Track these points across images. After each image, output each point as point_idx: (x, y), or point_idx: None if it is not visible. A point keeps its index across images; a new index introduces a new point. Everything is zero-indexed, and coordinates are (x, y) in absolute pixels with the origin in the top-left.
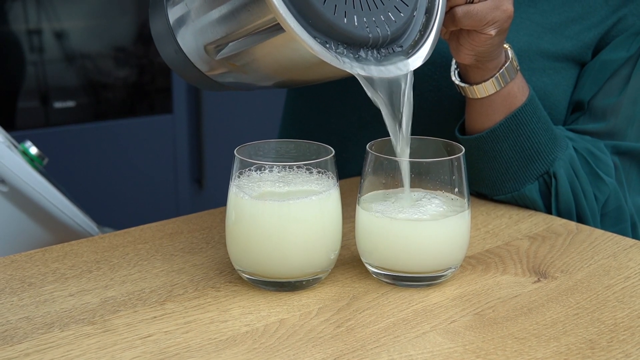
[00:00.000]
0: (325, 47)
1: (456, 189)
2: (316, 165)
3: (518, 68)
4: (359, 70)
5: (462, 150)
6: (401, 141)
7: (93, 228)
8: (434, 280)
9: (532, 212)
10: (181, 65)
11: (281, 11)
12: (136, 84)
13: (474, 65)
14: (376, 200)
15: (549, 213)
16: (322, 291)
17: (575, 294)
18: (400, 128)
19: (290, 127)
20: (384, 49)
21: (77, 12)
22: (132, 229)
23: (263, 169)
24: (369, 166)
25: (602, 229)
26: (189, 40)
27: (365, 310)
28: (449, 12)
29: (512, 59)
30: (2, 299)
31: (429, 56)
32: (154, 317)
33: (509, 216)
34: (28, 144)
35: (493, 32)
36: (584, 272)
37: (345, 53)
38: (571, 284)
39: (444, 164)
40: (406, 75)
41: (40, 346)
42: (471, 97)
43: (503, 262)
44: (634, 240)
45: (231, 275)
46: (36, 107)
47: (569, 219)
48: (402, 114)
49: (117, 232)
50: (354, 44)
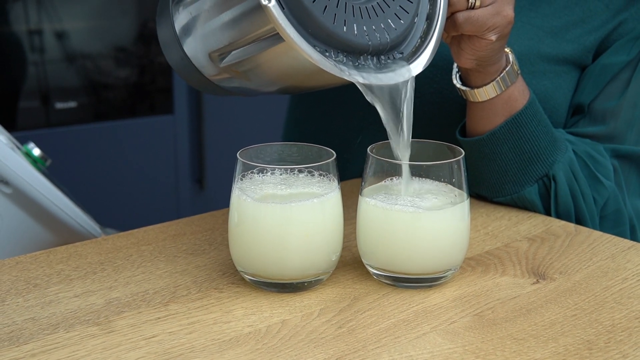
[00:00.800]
0: (325, 55)
1: (456, 191)
2: (318, 168)
3: (519, 72)
4: (358, 78)
5: (462, 153)
6: (401, 146)
7: (95, 229)
8: (434, 281)
9: (531, 214)
10: (187, 71)
11: (280, 21)
12: (137, 84)
13: (475, 69)
14: (378, 192)
15: (548, 215)
16: (323, 292)
17: (574, 295)
18: (401, 132)
19: (292, 131)
20: (384, 56)
21: (78, 12)
22: (135, 230)
23: (265, 171)
24: (369, 169)
25: (601, 232)
26: (194, 47)
27: (366, 311)
28: (450, 17)
29: (512, 63)
30: (8, 300)
31: (429, 62)
32: (158, 318)
33: (508, 218)
34: (31, 145)
35: (494, 37)
36: (582, 273)
37: (344, 61)
38: (569, 285)
39: (444, 167)
40: (406, 81)
41: (46, 347)
42: (472, 100)
43: (502, 264)
44: (632, 242)
45: (234, 277)
46: (37, 107)
47: (568, 222)
48: (403, 119)
49: (121, 233)
50: (353, 52)
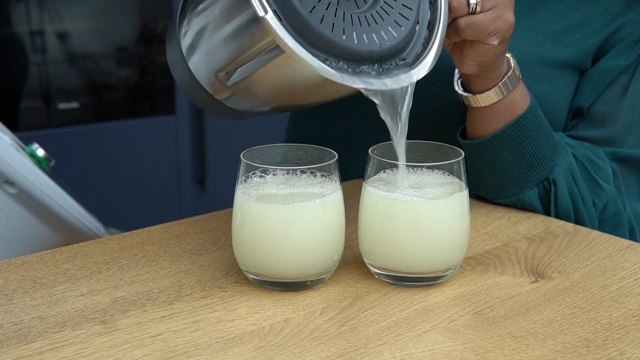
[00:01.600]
0: (325, 63)
1: (455, 181)
2: (320, 169)
3: (520, 77)
4: (360, 84)
5: (461, 154)
6: (399, 148)
7: (99, 229)
8: (435, 280)
9: (531, 214)
10: (194, 90)
11: (278, 32)
12: (139, 84)
13: (477, 75)
14: (380, 183)
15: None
16: (325, 291)
17: (572, 294)
18: (400, 135)
19: (294, 133)
20: (386, 63)
21: (79, 13)
22: (140, 230)
23: (268, 172)
24: (371, 170)
25: None
26: (200, 67)
27: (367, 310)
28: (451, 23)
29: (514, 68)
30: (15, 299)
31: (431, 68)
32: (163, 317)
33: (507, 218)
34: (35, 146)
35: (496, 42)
36: (580, 272)
37: (345, 68)
38: (568, 284)
39: (444, 168)
40: (407, 87)
41: (53, 344)
42: (474, 106)
43: (502, 263)
44: (629, 241)
45: (237, 276)
46: (39, 108)
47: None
48: (400, 122)
49: (125, 233)
50: (354, 59)
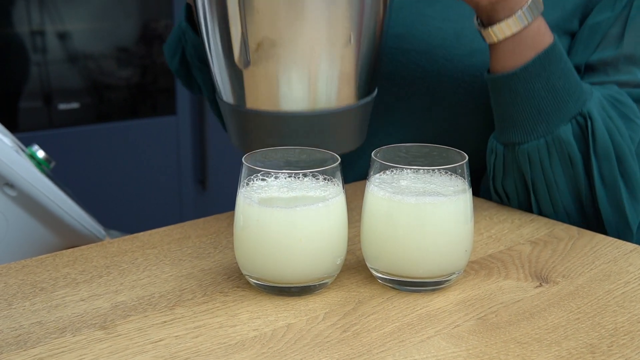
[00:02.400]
0: None
1: (459, 182)
2: (322, 172)
3: (542, 6)
4: None
5: (465, 157)
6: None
7: (100, 231)
8: (438, 285)
9: (534, 217)
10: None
11: None
12: (139, 85)
13: (496, 2)
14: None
15: (585, 159)
16: (328, 296)
17: (577, 298)
18: None
19: None
20: None
21: (80, 13)
22: (141, 234)
23: (270, 175)
24: (374, 172)
25: None
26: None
27: (370, 315)
28: None
29: None
30: (15, 303)
31: None
32: (164, 322)
33: (511, 221)
34: (35, 147)
35: None
36: (585, 276)
37: None
38: (572, 288)
39: (448, 170)
40: None
41: (53, 351)
42: (499, 38)
43: (505, 267)
44: (634, 245)
45: (239, 280)
46: (40, 108)
47: (608, 163)
48: None
49: (126, 237)
50: None
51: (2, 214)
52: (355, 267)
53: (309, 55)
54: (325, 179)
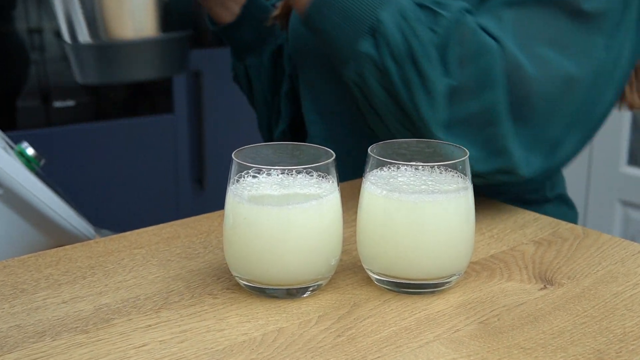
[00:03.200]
0: None
1: (459, 179)
2: (316, 169)
3: None
4: None
5: (466, 153)
6: None
7: (90, 231)
8: (438, 287)
9: (538, 216)
10: None
11: None
12: (137, 83)
13: None
14: (380, 181)
15: (382, 68)
16: (322, 298)
17: (583, 301)
18: None
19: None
20: None
21: None
22: (128, 233)
23: (262, 172)
24: (370, 169)
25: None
26: None
27: (366, 319)
28: None
29: None
30: None
31: None
32: (149, 326)
33: (514, 220)
34: (25, 144)
35: None
36: (591, 278)
37: None
38: (578, 291)
39: (448, 167)
40: None
41: (31, 356)
42: None
43: (508, 268)
44: None
45: (229, 282)
46: (36, 106)
47: (405, 66)
48: None
49: (113, 236)
50: None
51: None
52: (350, 268)
53: None
54: (319, 175)
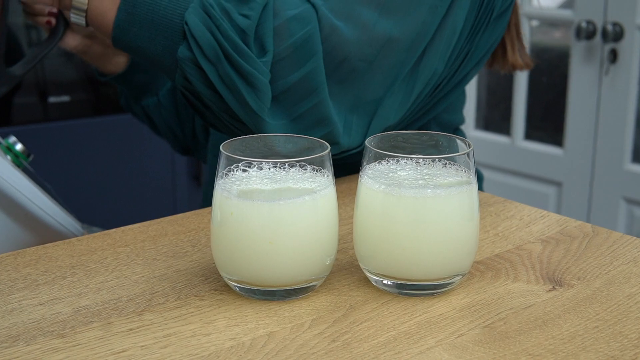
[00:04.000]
0: None
1: (462, 173)
2: (310, 162)
3: None
4: None
5: (470, 146)
6: None
7: (77, 228)
8: (440, 288)
9: (545, 213)
10: None
11: None
12: None
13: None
14: (379, 176)
15: (201, 68)
16: (316, 300)
17: (594, 304)
18: None
19: None
20: None
21: None
22: (113, 230)
23: (252, 165)
24: (368, 162)
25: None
26: None
27: (363, 322)
28: None
29: None
30: None
31: None
32: (130, 330)
33: (519, 217)
34: (12, 139)
35: None
36: (602, 279)
37: None
38: (589, 292)
39: (451, 160)
40: None
41: None
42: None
43: (514, 268)
44: None
45: (217, 282)
46: (31, 102)
47: (221, 64)
48: None
49: (96, 234)
50: None
51: None
52: (347, 268)
53: None
54: (313, 169)
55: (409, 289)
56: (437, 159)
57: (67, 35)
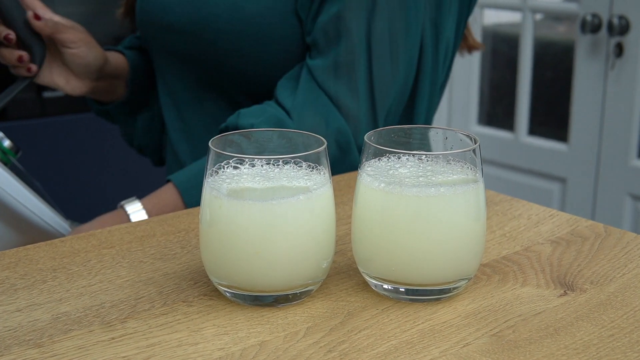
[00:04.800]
0: None
1: (468, 170)
2: (306, 159)
3: None
4: None
5: (477, 141)
6: None
7: (65, 227)
8: (444, 293)
9: (554, 212)
10: None
11: None
12: None
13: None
14: (378, 173)
15: None
16: (311, 307)
17: (609, 310)
18: None
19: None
20: None
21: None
22: (98, 231)
23: (244, 162)
24: (367, 159)
25: None
26: None
27: (362, 331)
28: None
29: None
30: None
31: None
32: (112, 339)
33: (527, 216)
34: (0, 135)
35: None
36: (617, 283)
37: None
38: (603, 297)
39: (456, 157)
40: None
41: None
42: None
43: (523, 272)
44: None
45: (206, 287)
46: (26, 97)
47: None
48: None
49: (81, 234)
50: None
51: None
52: (344, 271)
53: None
54: (309, 166)
55: (411, 294)
56: (441, 155)
57: (72, 81)
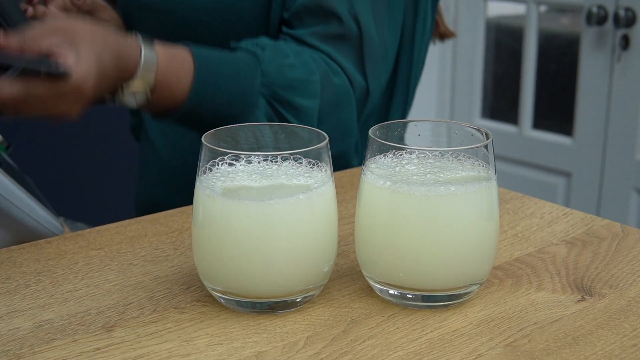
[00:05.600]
0: None
1: (480, 167)
2: (306, 155)
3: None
4: None
5: (490, 136)
6: None
7: (57, 226)
8: (454, 299)
9: (568, 211)
10: None
11: None
12: None
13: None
14: (384, 171)
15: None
16: (312, 314)
17: (630, 316)
18: None
19: None
20: None
21: None
22: (87, 231)
23: (240, 159)
24: (371, 156)
25: None
26: None
27: (366, 340)
28: None
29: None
30: None
31: None
32: (97, 349)
33: (540, 215)
34: None
35: None
36: (638, 287)
37: None
38: (624, 303)
39: (467, 153)
40: None
41: None
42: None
43: (537, 275)
44: None
45: (200, 292)
46: None
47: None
48: None
49: (67, 235)
50: None
51: None
52: (347, 275)
53: None
54: (309, 163)
55: (419, 301)
56: (450, 151)
57: None
